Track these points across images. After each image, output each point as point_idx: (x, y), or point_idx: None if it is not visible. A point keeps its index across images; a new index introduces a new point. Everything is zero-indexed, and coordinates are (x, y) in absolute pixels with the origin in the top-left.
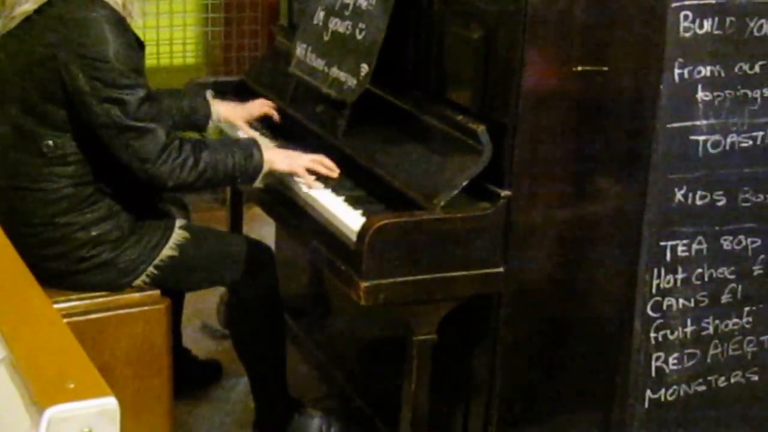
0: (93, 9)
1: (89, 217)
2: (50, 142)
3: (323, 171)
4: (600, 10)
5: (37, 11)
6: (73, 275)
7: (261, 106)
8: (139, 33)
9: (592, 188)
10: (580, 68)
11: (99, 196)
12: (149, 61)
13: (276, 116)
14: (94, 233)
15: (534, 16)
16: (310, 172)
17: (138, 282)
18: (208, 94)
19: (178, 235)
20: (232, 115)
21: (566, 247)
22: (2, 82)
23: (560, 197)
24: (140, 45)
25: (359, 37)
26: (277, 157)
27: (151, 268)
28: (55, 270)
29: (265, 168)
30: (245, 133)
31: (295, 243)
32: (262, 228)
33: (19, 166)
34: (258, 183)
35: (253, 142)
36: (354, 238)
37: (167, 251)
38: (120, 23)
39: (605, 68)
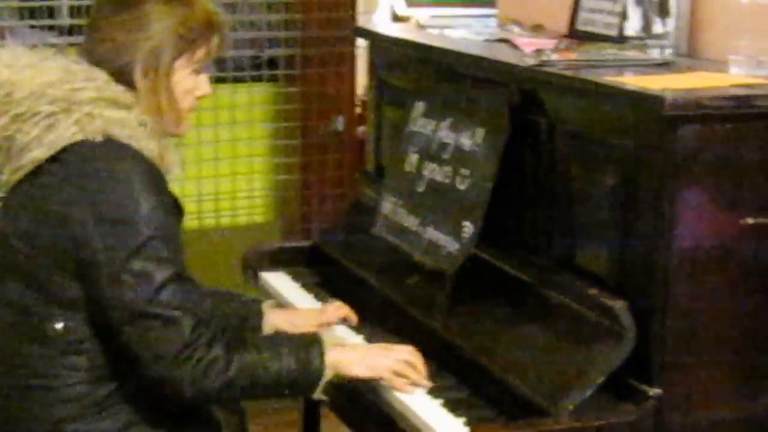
0: (122, 159)
1: (106, 426)
2: (59, 326)
3: (413, 377)
4: None
5: (51, 160)
6: None
7: (336, 311)
8: (192, 186)
9: None
10: (751, 221)
11: (120, 397)
12: (207, 221)
13: (354, 320)
14: None
15: (686, 155)
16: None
17: None
18: (267, 304)
19: None
20: (291, 329)
21: None
22: (2, 250)
23: (731, 395)
24: (178, 210)
25: (461, 187)
26: (349, 359)
27: None
28: None
29: (328, 374)
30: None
31: None
32: None
33: (18, 357)
34: (317, 394)
35: (314, 339)
36: None
37: None
38: (155, 179)
39: None
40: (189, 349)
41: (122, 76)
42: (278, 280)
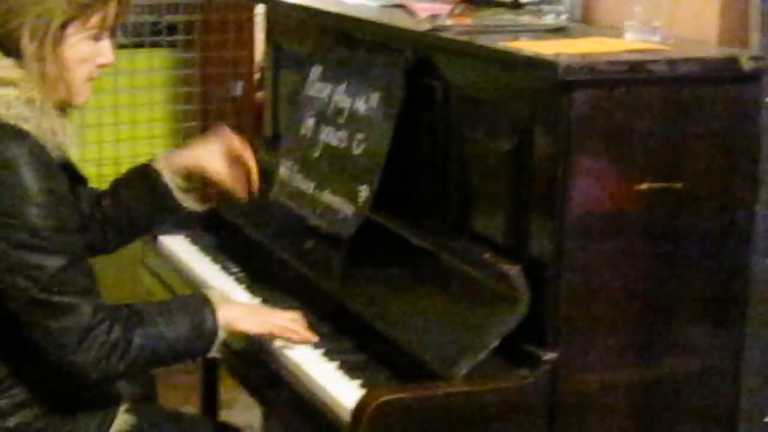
0: (8, 144)
1: (2, 405)
2: None
3: (296, 338)
4: (671, 110)
5: None
6: None
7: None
8: (94, 150)
9: (669, 343)
10: (645, 186)
11: (16, 378)
12: (107, 185)
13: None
14: (10, 424)
15: (580, 120)
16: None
17: None
18: (159, 160)
19: (121, 421)
20: (201, 160)
21: (636, 424)
22: None
23: (625, 358)
24: (78, 177)
25: (357, 151)
26: (240, 315)
27: None
28: None
29: (222, 334)
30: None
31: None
32: (248, 402)
33: None
34: (214, 353)
35: (204, 301)
36: (348, 418)
37: None
38: (45, 162)
39: (679, 185)
40: (90, 335)
41: (10, 45)
42: (177, 244)
